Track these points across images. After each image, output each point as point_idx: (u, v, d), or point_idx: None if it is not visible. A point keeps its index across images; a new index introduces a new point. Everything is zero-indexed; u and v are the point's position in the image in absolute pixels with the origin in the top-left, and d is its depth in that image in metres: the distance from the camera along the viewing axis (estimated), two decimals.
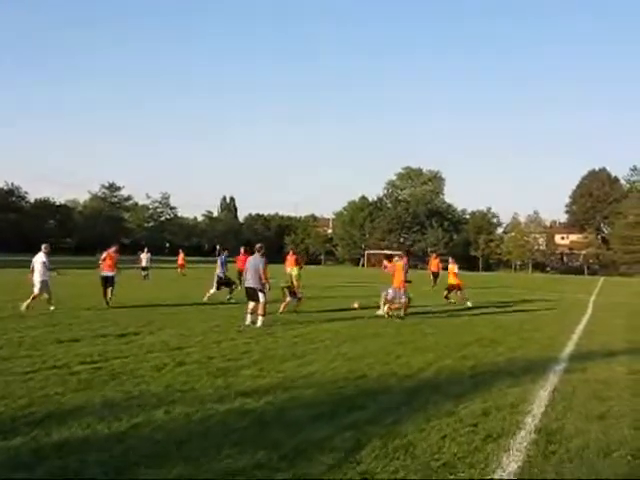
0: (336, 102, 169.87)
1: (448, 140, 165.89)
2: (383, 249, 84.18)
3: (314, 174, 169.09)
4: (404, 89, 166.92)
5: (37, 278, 16.14)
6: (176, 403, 6.74)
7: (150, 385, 7.67)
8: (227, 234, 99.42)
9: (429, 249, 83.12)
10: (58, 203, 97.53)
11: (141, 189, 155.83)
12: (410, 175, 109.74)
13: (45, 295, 16.26)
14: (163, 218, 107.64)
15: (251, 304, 14.14)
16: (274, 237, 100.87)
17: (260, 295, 13.92)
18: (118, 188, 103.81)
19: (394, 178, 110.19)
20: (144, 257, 33.46)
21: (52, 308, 15.81)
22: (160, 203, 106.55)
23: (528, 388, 8.12)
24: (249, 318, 14.00)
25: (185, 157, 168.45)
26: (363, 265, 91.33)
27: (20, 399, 6.80)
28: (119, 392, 7.25)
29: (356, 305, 17.85)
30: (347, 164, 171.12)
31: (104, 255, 17.96)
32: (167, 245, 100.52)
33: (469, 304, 20.46)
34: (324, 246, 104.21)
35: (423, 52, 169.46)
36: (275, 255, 49.05)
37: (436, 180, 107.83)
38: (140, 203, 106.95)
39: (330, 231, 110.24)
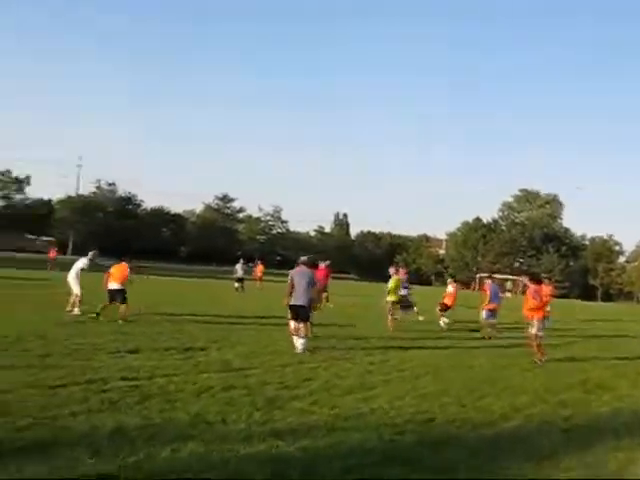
0: (450, 123, 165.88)
1: (566, 162, 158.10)
2: (495, 272, 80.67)
3: (428, 193, 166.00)
4: (521, 114, 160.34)
5: (72, 279, 16.07)
6: (192, 439, 5.66)
7: (178, 412, 6.66)
8: (338, 250, 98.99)
9: (543, 275, 78.74)
10: (173, 212, 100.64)
11: (254, 201, 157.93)
12: (527, 198, 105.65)
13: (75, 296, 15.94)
14: (275, 231, 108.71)
15: (294, 324, 12.45)
16: (384, 255, 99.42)
17: (307, 314, 12.45)
18: (231, 200, 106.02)
19: (510, 200, 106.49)
20: (239, 268, 32.94)
21: (77, 311, 15.55)
22: (272, 216, 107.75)
23: (635, 456, 6.33)
24: (300, 343, 11.98)
25: (300, 171, 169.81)
26: (474, 289, 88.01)
27: (23, 418, 5.98)
28: (137, 418, 6.30)
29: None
30: (461, 184, 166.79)
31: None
32: (278, 258, 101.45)
33: (442, 323, 18.63)
34: (435, 267, 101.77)
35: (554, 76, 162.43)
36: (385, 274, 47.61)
37: (554, 203, 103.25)
38: (253, 215, 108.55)
39: (442, 252, 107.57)
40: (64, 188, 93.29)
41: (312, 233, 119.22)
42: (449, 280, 21.18)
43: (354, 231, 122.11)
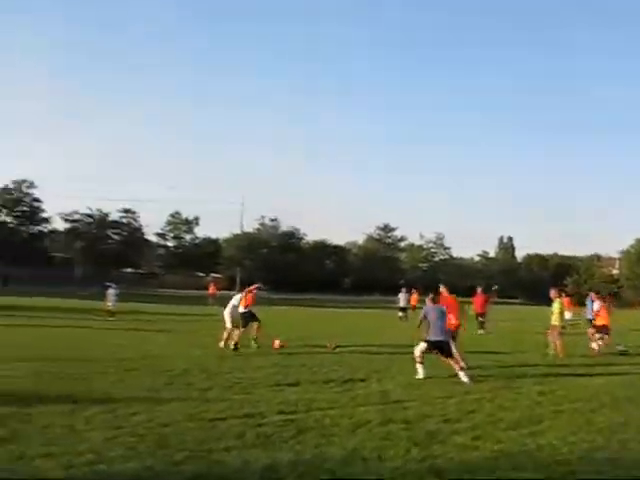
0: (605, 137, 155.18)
1: None
2: None
3: (598, 210, 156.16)
4: None
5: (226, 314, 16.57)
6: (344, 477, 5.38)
7: (332, 447, 6.46)
8: (503, 274, 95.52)
9: None
10: (334, 244, 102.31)
11: (415, 229, 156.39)
12: None
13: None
14: (437, 258, 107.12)
15: (420, 352, 11.91)
16: (552, 278, 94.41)
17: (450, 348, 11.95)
18: (392, 229, 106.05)
19: None
20: (402, 297, 32.72)
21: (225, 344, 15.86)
22: (434, 243, 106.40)
23: None
24: (462, 376, 11.39)
25: (460, 196, 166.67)
26: None
27: (180, 452, 6.04)
28: (290, 453, 6.19)
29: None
30: (634, 199, 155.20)
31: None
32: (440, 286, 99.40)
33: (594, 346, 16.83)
34: (609, 287, 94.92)
35: None
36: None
37: None
38: (414, 243, 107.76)
39: (616, 271, 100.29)
40: (229, 227, 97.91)
41: (476, 258, 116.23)
42: (593, 296, 19.52)
43: (520, 254, 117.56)
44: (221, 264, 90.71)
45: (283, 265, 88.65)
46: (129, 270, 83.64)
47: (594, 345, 16.89)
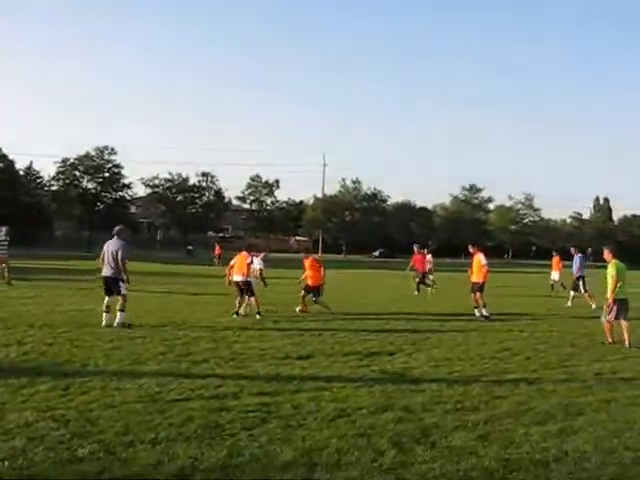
0: None
1: None
2: None
3: None
4: None
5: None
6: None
7: (287, 445, 5.08)
8: (598, 237, 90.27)
9: None
10: (419, 206, 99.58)
11: (503, 190, 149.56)
12: None
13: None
14: (527, 220, 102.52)
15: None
16: None
17: None
18: (479, 190, 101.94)
19: None
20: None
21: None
22: (523, 204, 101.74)
23: None
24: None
25: (551, 156, 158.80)
26: None
27: (91, 444, 4.93)
28: (224, 451, 4.84)
29: None
30: None
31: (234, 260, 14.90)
32: (533, 249, 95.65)
33: None
34: None
35: None
36: None
37: None
38: (504, 204, 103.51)
39: None
40: (311, 188, 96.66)
41: (568, 220, 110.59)
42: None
43: (617, 216, 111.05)
44: (303, 227, 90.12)
45: (366, 228, 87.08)
46: (211, 234, 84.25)
47: None
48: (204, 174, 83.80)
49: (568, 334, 12.36)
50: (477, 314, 14.91)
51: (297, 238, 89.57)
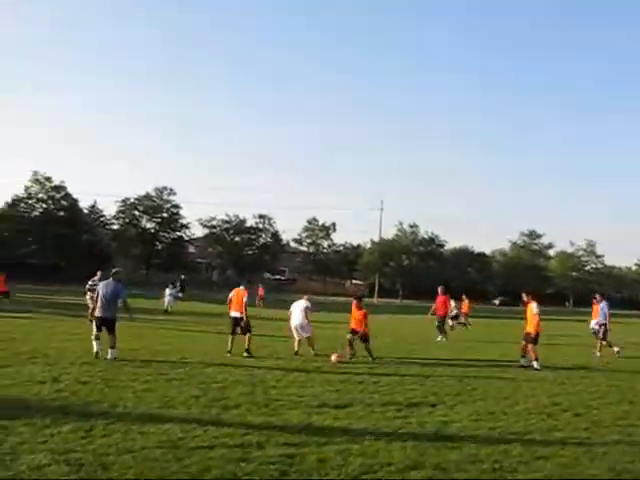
0: None
1: None
2: None
3: None
4: None
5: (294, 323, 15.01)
6: None
7: None
8: None
9: None
10: (477, 251, 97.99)
11: (564, 236, 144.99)
12: None
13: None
14: (588, 267, 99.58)
15: None
16: None
17: None
18: (539, 236, 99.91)
19: None
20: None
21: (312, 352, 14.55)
22: (585, 251, 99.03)
23: None
24: None
25: (614, 201, 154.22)
26: None
27: None
28: None
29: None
30: None
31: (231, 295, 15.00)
32: (596, 296, 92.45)
33: None
34: None
35: None
36: None
37: None
38: (564, 251, 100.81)
39: None
40: (367, 233, 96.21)
41: (633, 267, 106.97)
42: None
43: None
44: (359, 270, 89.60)
45: (423, 272, 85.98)
46: (268, 276, 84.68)
47: None
48: (261, 216, 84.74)
49: (628, 390, 11.61)
50: (522, 362, 14.31)
51: (354, 282, 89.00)
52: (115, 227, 78.33)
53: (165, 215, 77.19)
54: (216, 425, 7.20)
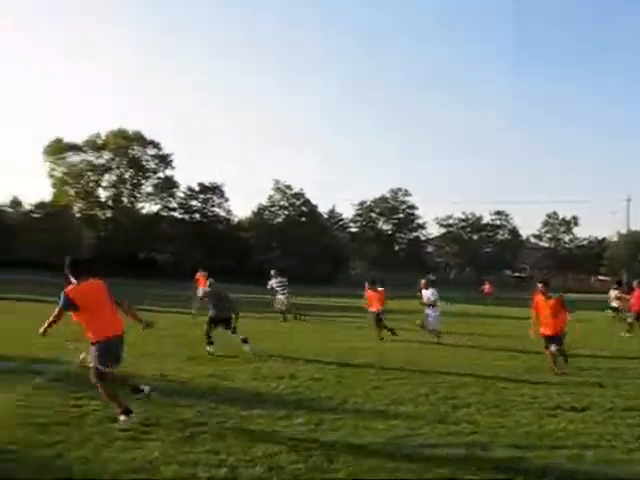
0: None
1: None
2: None
3: None
4: None
5: None
6: None
7: None
8: None
9: None
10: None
11: None
12: None
13: None
14: None
15: None
16: None
17: None
18: None
19: None
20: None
21: None
22: None
23: None
24: None
25: None
26: None
27: None
28: None
29: None
30: None
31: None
32: None
33: None
34: None
35: None
36: None
37: None
38: None
39: None
40: (613, 227, 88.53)
41: None
42: None
43: None
44: (605, 265, 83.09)
45: None
46: (508, 272, 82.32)
47: None
48: (498, 212, 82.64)
49: None
50: None
51: (599, 277, 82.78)
52: (354, 230, 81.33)
53: (401, 216, 78.53)
54: (443, 423, 7.14)
